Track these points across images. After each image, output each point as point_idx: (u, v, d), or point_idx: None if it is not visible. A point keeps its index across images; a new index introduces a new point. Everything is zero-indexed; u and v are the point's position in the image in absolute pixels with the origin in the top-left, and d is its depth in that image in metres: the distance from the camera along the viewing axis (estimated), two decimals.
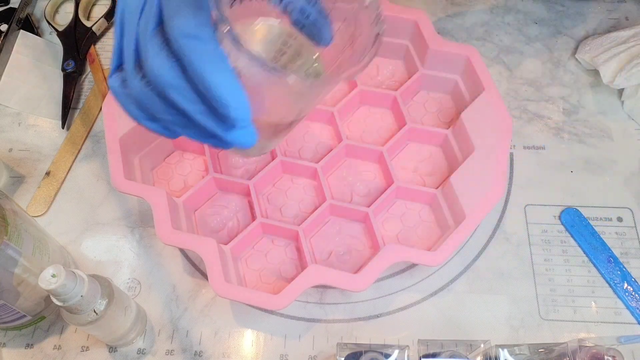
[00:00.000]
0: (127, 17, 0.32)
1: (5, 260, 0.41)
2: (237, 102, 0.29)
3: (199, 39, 0.29)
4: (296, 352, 0.48)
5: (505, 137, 0.51)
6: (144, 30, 0.31)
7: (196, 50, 0.29)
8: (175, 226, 0.47)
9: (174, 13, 0.30)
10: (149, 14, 0.31)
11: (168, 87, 0.30)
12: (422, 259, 0.47)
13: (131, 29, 0.32)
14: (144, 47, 0.31)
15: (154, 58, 0.31)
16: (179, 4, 0.30)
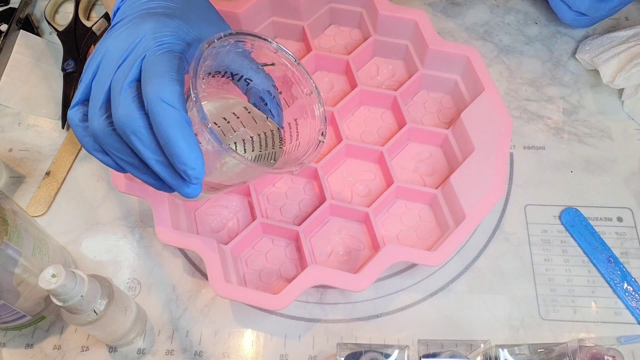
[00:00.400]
0: (105, 65, 0.37)
1: (5, 260, 0.41)
2: (195, 165, 0.34)
3: (171, 105, 0.34)
4: (296, 352, 0.48)
5: (505, 137, 0.51)
6: (120, 80, 0.36)
7: (167, 114, 0.34)
8: (175, 226, 0.47)
9: (153, 77, 0.35)
10: (128, 68, 0.36)
11: (131, 133, 0.35)
12: (422, 259, 0.47)
13: (106, 75, 0.37)
14: (117, 94, 0.36)
15: (125, 106, 0.35)
16: (159, 71, 0.35)
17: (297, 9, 0.58)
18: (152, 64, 0.35)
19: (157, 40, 0.37)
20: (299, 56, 0.60)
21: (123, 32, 0.38)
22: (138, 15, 0.39)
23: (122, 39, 0.37)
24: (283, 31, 0.61)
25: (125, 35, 0.37)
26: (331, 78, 0.59)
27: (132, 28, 0.37)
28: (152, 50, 0.36)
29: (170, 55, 0.36)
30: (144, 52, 0.36)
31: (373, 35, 0.58)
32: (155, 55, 0.36)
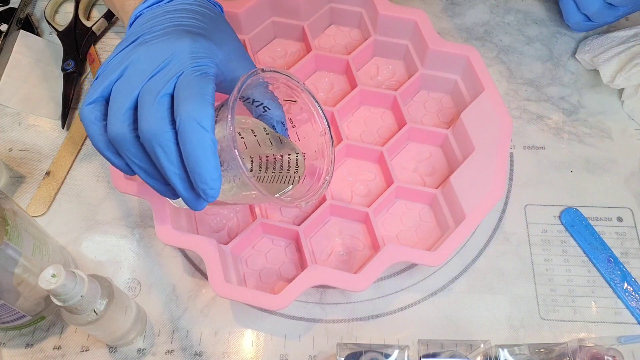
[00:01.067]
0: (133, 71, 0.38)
1: (5, 260, 0.41)
2: (215, 185, 0.36)
3: (204, 128, 0.35)
4: (296, 352, 0.48)
5: (505, 137, 0.51)
6: (153, 91, 0.37)
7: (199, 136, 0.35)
8: (175, 226, 0.47)
9: (190, 97, 0.36)
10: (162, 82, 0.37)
11: (157, 145, 0.36)
12: (422, 259, 0.47)
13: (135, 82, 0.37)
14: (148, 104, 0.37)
15: (156, 118, 0.36)
16: (196, 93, 0.36)
17: (297, 9, 0.58)
18: (189, 84, 0.37)
19: (194, 61, 0.38)
20: (299, 56, 0.60)
21: (158, 44, 0.38)
22: (174, 30, 0.39)
23: (157, 51, 0.38)
24: (283, 31, 0.61)
25: (161, 48, 0.38)
26: (331, 78, 0.59)
27: (168, 42, 0.38)
28: (189, 69, 0.37)
29: (206, 78, 0.38)
30: (180, 69, 0.37)
31: (373, 35, 0.58)
32: (193, 76, 0.37)
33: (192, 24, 0.41)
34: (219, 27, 0.43)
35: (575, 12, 0.58)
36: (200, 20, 0.42)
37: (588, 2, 0.56)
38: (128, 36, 0.41)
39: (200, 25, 0.41)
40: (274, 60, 0.60)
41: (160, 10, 0.42)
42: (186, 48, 0.38)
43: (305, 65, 0.58)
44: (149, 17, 0.41)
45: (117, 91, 0.38)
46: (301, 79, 0.58)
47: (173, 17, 0.41)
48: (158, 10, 0.42)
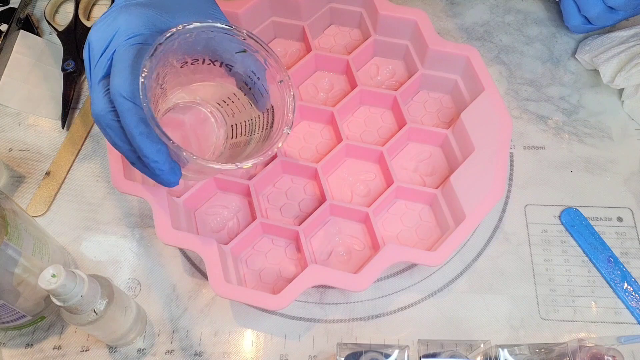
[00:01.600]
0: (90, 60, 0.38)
1: (5, 260, 0.41)
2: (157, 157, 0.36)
3: (130, 100, 0.35)
4: (296, 352, 0.48)
5: (505, 137, 0.51)
6: (96, 76, 0.37)
7: (126, 110, 0.35)
8: (175, 226, 0.47)
9: (116, 72, 0.35)
10: (100, 67, 0.37)
11: (106, 126, 0.37)
12: (422, 259, 0.47)
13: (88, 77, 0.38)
14: (92, 90, 0.37)
15: (98, 101, 0.37)
16: (122, 66, 0.35)
17: (297, 9, 0.58)
18: (117, 60, 0.36)
19: (127, 34, 0.37)
20: (299, 56, 0.60)
21: (102, 27, 0.38)
22: (117, 8, 0.39)
23: (101, 33, 0.38)
24: (283, 31, 0.61)
25: (103, 30, 0.38)
26: (331, 78, 0.59)
27: (110, 22, 0.38)
28: (121, 45, 0.37)
29: (136, 48, 0.37)
30: (114, 47, 0.37)
31: (373, 35, 0.58)
32: (122, 50, 0.37)
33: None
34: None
35: (575, 15, 0.58)
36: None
37: (589, 5, 0.56)
38: None
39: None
40: None
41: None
42: (122, 24, 0.38)
43: (305, 65, 0.58)
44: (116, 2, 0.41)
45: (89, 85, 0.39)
46: (301, 79, 0.59)
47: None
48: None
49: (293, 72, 0.57)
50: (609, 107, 0.59)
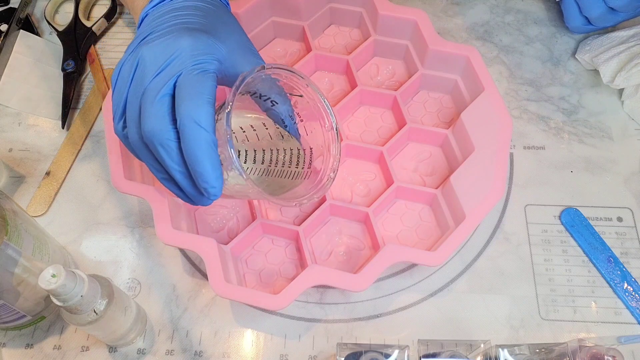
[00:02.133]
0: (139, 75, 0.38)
1: (5, 260, 0.41)
2: (216, 184, 0.37)
3: (203, 128, 0.36)
4: (296, 352, 0.48)
5: (505, 137, 0.51)
6: (154, 91, 0.37)
7: (198, 136, 0.36)
8: (175, 226, 0.47)
9: (189, 97, 0.36)
10: (162, 82, 0.37)
11: (159, 145, 0.37)
12: (422, 259, 0.47)
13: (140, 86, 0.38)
14: (148, 105, 0.37)
15: (156, 118, 0.37)
16: (195, 92, 0.36)
17: (297, 9, 0.58)
18: (188, 84, 0.37)
19: (194, 59, 0.38)
20: (299, 56, 0.60)
21: (160, 45, 0.38)
22: (175, 28, 0.40)
23: (159, 51, 0.38)
24: (283, 31, 0.61)
25: (162, 48, 0.38)
26: (331, 78, 0.59)
27: (170, 42, 0.38)
28: (188, 68, 0.38)
29: (205, 76, 0.38)
30: (180, 69, 0.37)
31: (373, 35, 0.58)
32: (191, 75, 0.37)
33: (194, 21, 0.41)
34: (223, 21, 0.43)
35: (577, 15, 0.58)
36: (203, 16, 0.42)
37: (591, 6, 0.56)
38: (135, 37, 0.41)
39: (203, 22, 0.41)
40: (274, 60, 0.60)
41: (165, 9, 0.42)
42: (186, 46, 0.38)
43: (305, 65, 0.58)
44: (154, 17, 0.42)
45: (130, 98, 0.39)
46: None
47: (176, 14, 0.41)
48: (163, 8, 0.42)
49: None
50: (609, 107, 0.59)
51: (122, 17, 0.66)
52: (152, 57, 0.38)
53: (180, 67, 0.38)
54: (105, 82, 0.61)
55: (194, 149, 0.36)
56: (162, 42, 0.39)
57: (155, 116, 0.37)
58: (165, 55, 0.38)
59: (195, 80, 0.37)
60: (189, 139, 0.36)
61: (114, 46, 0.64)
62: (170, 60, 0.38)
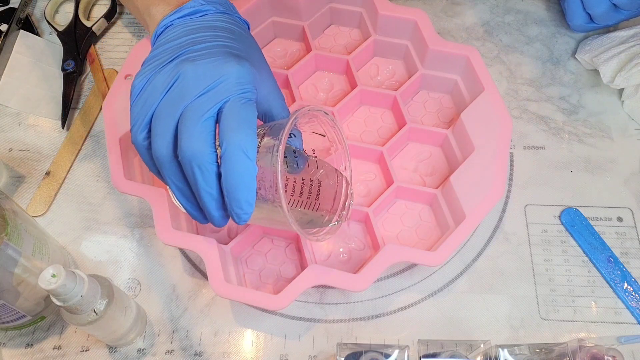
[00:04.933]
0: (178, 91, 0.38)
1: (5, 260, 0.41)
2: (249, 211, 0.37)
3: (248, 158, 0.36)
4: (296, 352, 0.48)
5: (505, 137, 0.51)
6: (197, 112, 0.37)
7: (243, 164, 0.36)
8: (175, 226, 0.47)
9: (238, 126, 0.37)
10: (208, 104, 0.37)
11: (197, 166, 0.37)
12: (422, 259, 0.47)
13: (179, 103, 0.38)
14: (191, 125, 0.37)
15: (199, 140, 0.37)
16: (243, 122, 0.37)
17: (297, 9, 0.58)
18: (237, 112, 0.37)
19: (241, 87, 0.38)
20: (299, 56, 0.60)
21: (206, 65, 0.38)
22: (221, 52, 0.40)
23: (205, 72, 0.38)
24: (283, 31, 0.61)
25: (208, 70, 0.38)
26: (331, 78, 0.59)
27: (217, 65, 0.38)
28: (236, 95, 0.38)
29: (252, 106, 0.38)
30: (227, 95, 0.38)
31: (373, 35, 0.58)
32: (240, 103, 0.38)
33: (236, 47, 0.41)
34: (254, 49, 0.43)
35: (580, 13, 0.58)
36: (238, 40, 0.42)
37: (595, 3, 0.56)
38: (164, 49, 0.40)
39: (240, 47, 0.41)
40: (274, 60, 0.60)
41: (197, 24, 0.42)
42: (234, 73, 0.38)
43: (305, 65, 0.58)
44: (185, 30, 0.41)
45: (161, 111, 0.38)
46: (301, 79, 0.59)
47: (215, 35, 0.41)
48: (193, 24, 0.42)
49: (293, 72, 0.57)
50: (609, 107, 0.59)
51: (122, 17, 0.66)
52: (197, 77, 0.38)
53: (227, 93, 0.38)
54: (105, 82, 0.61)
55: (237, 177, 0.36)
56: (208, 63, 0.38)
57: (198, 137, 0.37)
58: (211, 77, 0.38)
59: (244, 109, 0.37)
60: (234, 167, 0.36)
61: (114, 46, 0.64)
62: (217, 84, 0.38)
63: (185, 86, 0.38)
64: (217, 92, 0.38)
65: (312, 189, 0.47)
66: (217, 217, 0.39)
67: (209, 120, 0.37)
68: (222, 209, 0.39)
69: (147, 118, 0.39)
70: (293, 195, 0.47)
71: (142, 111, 0.39)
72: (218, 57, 0.39)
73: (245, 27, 0.45)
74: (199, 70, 0.38)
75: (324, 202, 0.46)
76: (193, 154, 0.37)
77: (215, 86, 0.38)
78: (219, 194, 0.38)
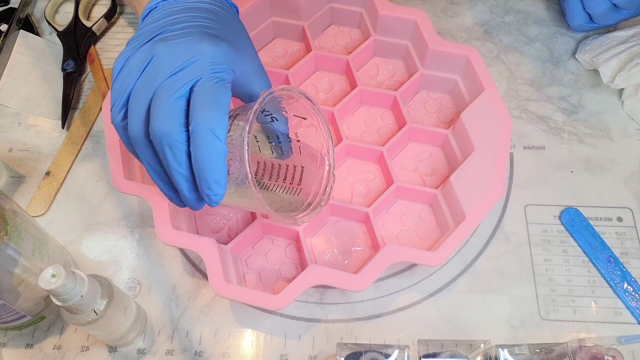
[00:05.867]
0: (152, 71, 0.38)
1: (5, 260, 0.41)
2: (219, 192, 0.37)
3: (217, 138, 0.36)
4: (296, 352, 0.48)
5: (505, 137, 0.51)
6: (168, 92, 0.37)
7: (211, 144, 0.36)
8: (175, 226, 0.47)
9: (207, 106, 0.36)
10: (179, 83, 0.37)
11: (167, 145, 0.36)
12: (422, 259, 0.47)
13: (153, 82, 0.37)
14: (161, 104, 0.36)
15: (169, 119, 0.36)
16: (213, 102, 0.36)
17: (297, 9, 0.58)
18: (207, 91, 0.37)
19: (214, 66, 0.38)
20: (299, 56, 0.60)
21: (180, 45, 0.38)
22: (196, 31, 0.39)
23: (178, 52, 0.38)
24: (283, 31, 0.61)
25: (182, 49, 0.38)
26: (331, 78, 0.59)
27: (191, 44, 0.38)
28: (207, 75, 0.37)
29: (224, 86, 0.38)
30: (199, 74, 0.37)
31: (373, 35, 0.58)
32: (211, 83, 0.37)
33: (213, 27, 0.40)
34: (236, 31, 0.43)
35: (579, 13, 0.58)
36: (220, 22, 0.41)
37: (595, 2, 0.56)
38: (145, 31, 0.40)
39: (221, 29, 0.41)
40: (274, 60, 0.60)
41: (179, 6, 0.41)
42: (207, 52, 0.38)
43: (305, 65, 0.58)
44: (167, 12, 0.41)
45: (136, 91, 0.38)
46: (301, 79, 0.59)
47: (194, 15, 0.41)
48: (176, 5, 0.41)
49: (293, 72, 0.57)
50: (609, 107, 0.59)
51: (122, 17, 0.66)
52: (170, 56, 0.38)
53: (199, 72, 0.37)
54: (105, 82, 0.61)
55: (205, 156, 0.36)
56: (182, 42, 0.38)
57: (168, 116, 0.36)
58: (184, 56, 0.37)
59: (215, 88, 0.37)
60: (202, 146, 0.36)
61: (114, 46, 0.64)
62: (190, 62, 0.37)
63: (159, 65, 0.38)
64: (189, 70, 0.37)
65: (295, 174, 0.46)
66: (190, 198, 0.39)
67: (180, 99, 0.37)
68: (195, 190, 0.38)
69: (124, 98, 0.38)
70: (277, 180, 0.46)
71: (119, 91, 0.39)
72: (193, 36, 0.39)
73: (232, 10, 0.45)
74: (173, 49, 0.38)
75: (306, 186, 0.46)
76: (163, 134, 0.36)
77: (187, 65, 0.37)
78: (191, 175, 0.37)
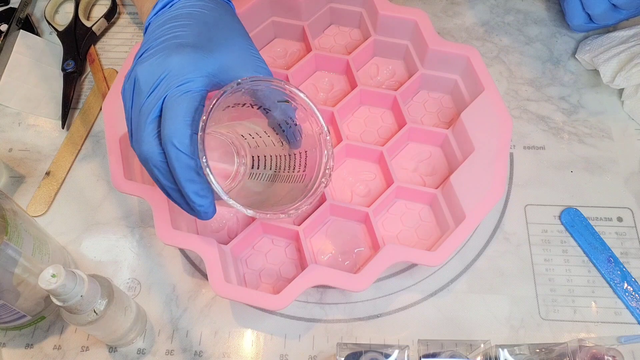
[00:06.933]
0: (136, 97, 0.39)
1: (5, 260, 0.41)
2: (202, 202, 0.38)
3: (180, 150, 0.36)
4: (296, 352, 0.48)
5: (505, 137, 0.51)
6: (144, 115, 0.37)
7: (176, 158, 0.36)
8: (175, 226, 0.47)
9: (169, 119, 0.37)
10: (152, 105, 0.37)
11: (153, 167, 0.38)
12: (422, 259, 0.47)
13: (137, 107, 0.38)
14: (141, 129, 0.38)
15: (147, 142, 0.37)
16: (174, 114, 0.37)
17: (297, 9, 0.58)
18: (170, 106, 0.37)
19: (179, 79, 0.38)
20: (299, 56, 0.60)
21: (152, 64, 0.38)
22: (166, 45, 0.39)
23: (150, 71, 0.38)
24: (283, 31, 0.61)
25: (154, 68, 0.38)
26: (331, 78, 0.59)
27: (160, 61, 0.38)
28: (172, 90, 0.38)
29: (186, 97, 0.37)
30: (166, 90, 0.38)
31: (373, 35, 0.58)
32: (174, 97, 0.37)
33: (186, 34, 0.40)
34: (220, 26, 0.42)
35: (579, 13, 0.58)
36: (198, 25, 0.41)
37: (594, 3, 0.56)
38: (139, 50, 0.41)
39: (196, 32, 0.40)
40: (274, 60, 0.60)
41: (162, 19, 0.41)
42: (175, 65, 0.38)
43: (305, 65, 0.58)
44: (154, 27, 0.41)
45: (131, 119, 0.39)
46: (301, 79, 0.59)
47: (171, 26, 0.41)
48: (161, 18, 0.42)
49: (293, 72, 0.57)
50: (609, 107, 0.59)
51: (122, 17, 0.66)
52: (145, 77, 0.38)
53: (166, 89, 0.37)
54: (105, 82, 0.61)
55: (175, 171, 0.37)
56: (154, 61, 0.38)
57: (147, 138, 0.37)
58: (155, 75, 0.38)
59: (177, 102, 0.37)
60: (171, 162, 0.37)
61: (114, 46, 0.64)
62: (159, 80, 0.38)
63: (139, 89, 0.38)
64: (159, 89, 0.38)
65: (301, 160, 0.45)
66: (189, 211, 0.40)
67: (154, 121, 0.38)
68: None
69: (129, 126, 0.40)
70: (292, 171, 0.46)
71: (127, 119, 0.40)
72: (164, 51, 0.39)
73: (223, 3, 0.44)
74: (146, 70, 0.38)
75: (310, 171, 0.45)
76: (147, 157, 0.37)
77: (158, 84, 0.38)
78: None
